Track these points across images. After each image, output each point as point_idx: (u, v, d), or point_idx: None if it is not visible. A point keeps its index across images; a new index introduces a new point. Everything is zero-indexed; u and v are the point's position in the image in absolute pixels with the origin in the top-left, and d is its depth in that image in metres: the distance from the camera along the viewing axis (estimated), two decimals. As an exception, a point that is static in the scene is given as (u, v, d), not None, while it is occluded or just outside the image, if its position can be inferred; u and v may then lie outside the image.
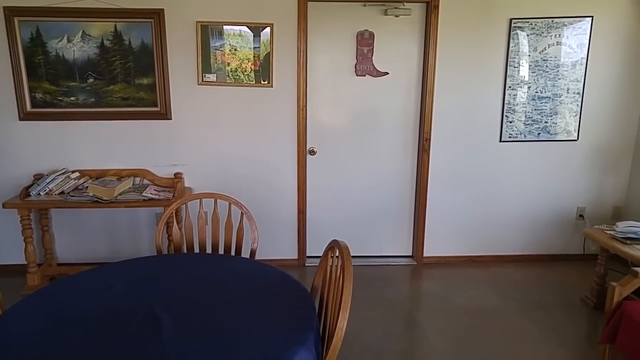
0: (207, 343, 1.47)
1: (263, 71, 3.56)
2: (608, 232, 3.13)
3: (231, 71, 3.53)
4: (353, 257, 3.88)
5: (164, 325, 1.55)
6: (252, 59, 3.53)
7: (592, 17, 3.61)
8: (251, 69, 3.54)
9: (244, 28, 3.48)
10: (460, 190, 3.89)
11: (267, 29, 3.49)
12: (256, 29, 3.49)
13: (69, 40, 3.43)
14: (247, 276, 1.98)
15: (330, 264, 1.77)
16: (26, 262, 3.36)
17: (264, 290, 1.84)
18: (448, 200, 3.90)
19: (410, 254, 4.08)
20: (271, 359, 1.38)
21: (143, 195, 3.31)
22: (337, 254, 1.71)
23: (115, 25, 3.43)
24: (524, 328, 2.97)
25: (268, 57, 3.53)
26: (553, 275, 3.77)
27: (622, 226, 3.08)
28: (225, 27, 3.47)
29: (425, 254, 3.98)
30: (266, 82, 3.58)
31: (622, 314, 2.41)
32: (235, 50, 3.49)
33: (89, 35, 3.43)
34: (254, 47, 3.51)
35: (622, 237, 3.00)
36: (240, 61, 3.51)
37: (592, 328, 3.00)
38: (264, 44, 3.51)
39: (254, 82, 3.57)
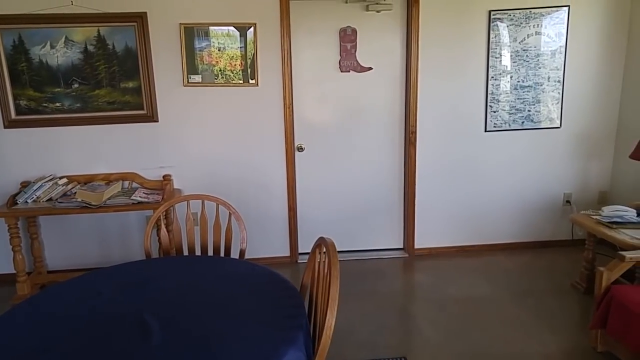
0: (196, 346, 1.48)
1: (249, 70, 3.56)
2: (594, 217, 3.17)
3: (219, 70, 3.53)
4: (345, 252, 3.98)
5: (153, 329, 1.56)
6: (238, 58, 3.52)
7: (568, 6, 3.67)
8: (239, 68, 3.54)
9: (231, 28, 3.47)
10: (449, 181, 3.92)
11: (252, 29, 3.49)
12: (242, 29, 3.49)
13: (52, 47, 3.41)
14: (236, 277, 1.99)
15: (318, 260, 1.78)
16: (15, 272, 3.34)
17: (253, 291, 1.85)
18: (437, 192, 3.93)
19: (401, 246, 4.11)
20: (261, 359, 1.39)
21: (132, 199, 3.30)
22: (324, 251, 1.72)
23: (99, 30, 3.41)
24: (516, 315, 3.01)
25: (254, 56, 3.53)
26: (543, 262, 3.82)
27: (608, 211, 3.12)
28: (211, 27, 3.46)
29: (416, 246, 4.01)
30: (252, 82, 3.58)
31: (612, 299, 2.43)
32: (223, 49, 3.48)
33: (72, 41, 3.41)
34: (240, 47, 3.51)
35: (608, 222, 3.03)
36: (228, 59, 3.50)
37: (583, 313, 3.03)
38: (250, 42, 3.51)
39: (242, 81, 3.57)
